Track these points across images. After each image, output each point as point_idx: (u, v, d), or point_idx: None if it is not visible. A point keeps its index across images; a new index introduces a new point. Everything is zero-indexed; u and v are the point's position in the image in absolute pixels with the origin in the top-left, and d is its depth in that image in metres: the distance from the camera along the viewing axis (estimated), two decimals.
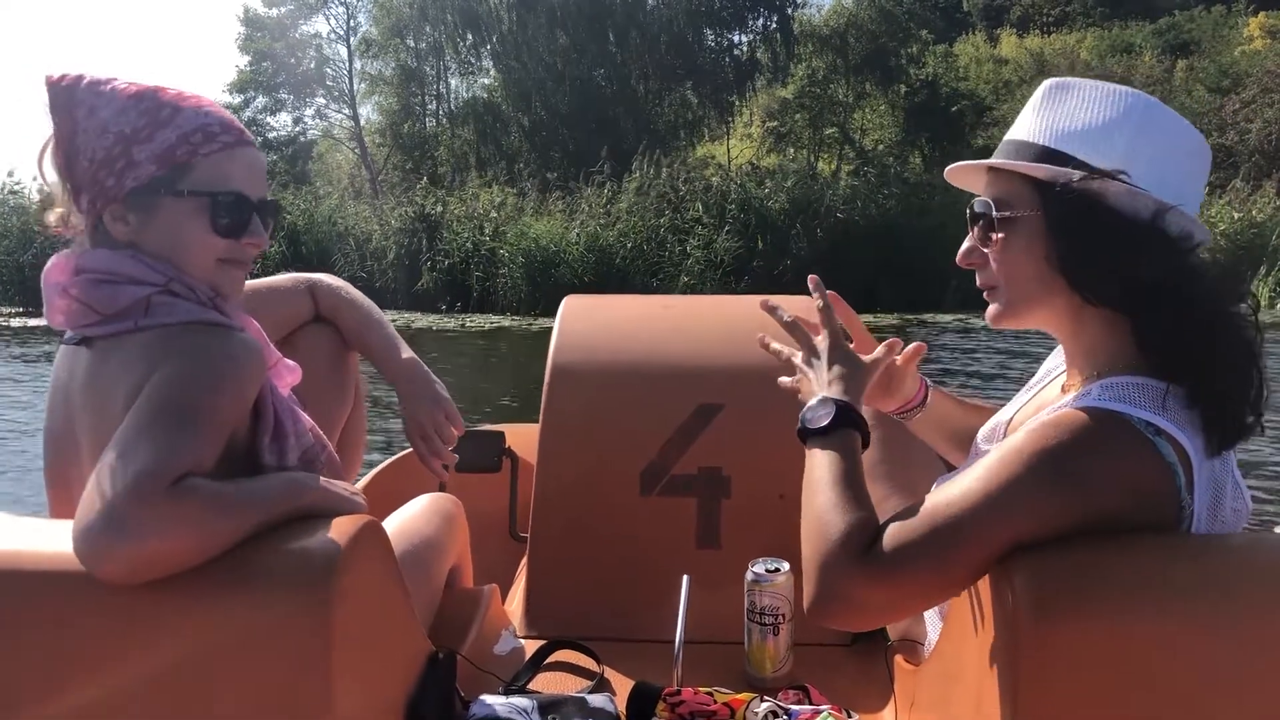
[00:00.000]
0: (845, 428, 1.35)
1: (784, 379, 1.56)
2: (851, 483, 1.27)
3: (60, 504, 1.41)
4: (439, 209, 20.61)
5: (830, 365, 1.45)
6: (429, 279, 19.50)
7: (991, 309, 1.37)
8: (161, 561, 1.09)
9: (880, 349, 1.50)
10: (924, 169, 26.79)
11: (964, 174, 1.43)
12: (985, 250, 1.35)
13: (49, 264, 1.39)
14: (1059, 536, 1.10)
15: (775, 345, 1.57)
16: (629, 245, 19.06)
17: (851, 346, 1.52)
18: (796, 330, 1.52)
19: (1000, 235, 1.31)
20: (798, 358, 1.50)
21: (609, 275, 18.27)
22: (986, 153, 1.43)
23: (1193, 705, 1.04)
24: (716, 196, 20.01)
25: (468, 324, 16.80)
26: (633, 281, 18.11)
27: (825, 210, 19.88)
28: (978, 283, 1.38)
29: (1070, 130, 1.27)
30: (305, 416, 1.53)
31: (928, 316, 16.80)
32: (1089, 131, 1.26)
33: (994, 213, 1.31)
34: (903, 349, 1.56)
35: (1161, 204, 1.22)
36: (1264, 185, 20.42)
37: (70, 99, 1.37)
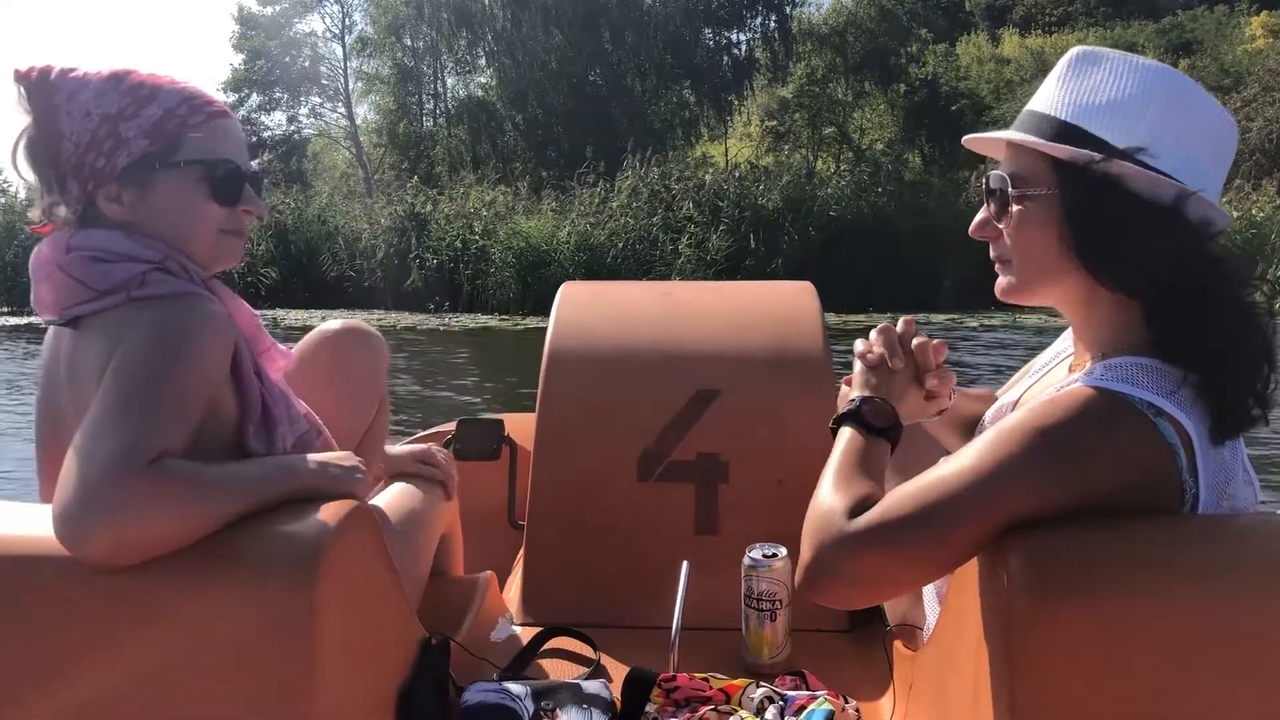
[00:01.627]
0: (884, 435, 1.37)
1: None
2: (868, 466, 1.29)
3: (50, 486, 1.36)
4: (428, 207, 20.46)
5: (897, 382, 1.45)
6: (418, 277, 19.35)
7: (1002, 282, 1.34)
8: (142, 543, 1.08)
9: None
10: (923, 168, 26.64)
11: (984, 140, 1.38)
12: (999, 225, 1.32)
13: (36, 250, 1.38)
14: (1055, 515, 1.08)
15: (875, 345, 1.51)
16: (620, 244, 18.91)
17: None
18: (896, 346, 1.48)
19: (1015, 211, 1.28)
20: (872, 357, 1.49)
21: (600, 275, 18.11)
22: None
23: (1191, 687, 1.03)
24: (709, 195, 19.84)
25: (452, 323, 16.62)
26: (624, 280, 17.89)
27: (818, 209, 19.73)
28: (990, 254, 1.35)
29: (1093, 105, 1.23)
30: (300, 402, 1.53)
31: (921, 317, 16.56)
32: (1113, 107, 1.22)
33: (1009, 189, 1.28)
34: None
35: (1182, 190, 1.18)
36: (1264, 184, 20.20)
37: (46, 87, 1.35)
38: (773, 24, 31.62)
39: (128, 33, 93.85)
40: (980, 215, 1.34)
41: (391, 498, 1.86)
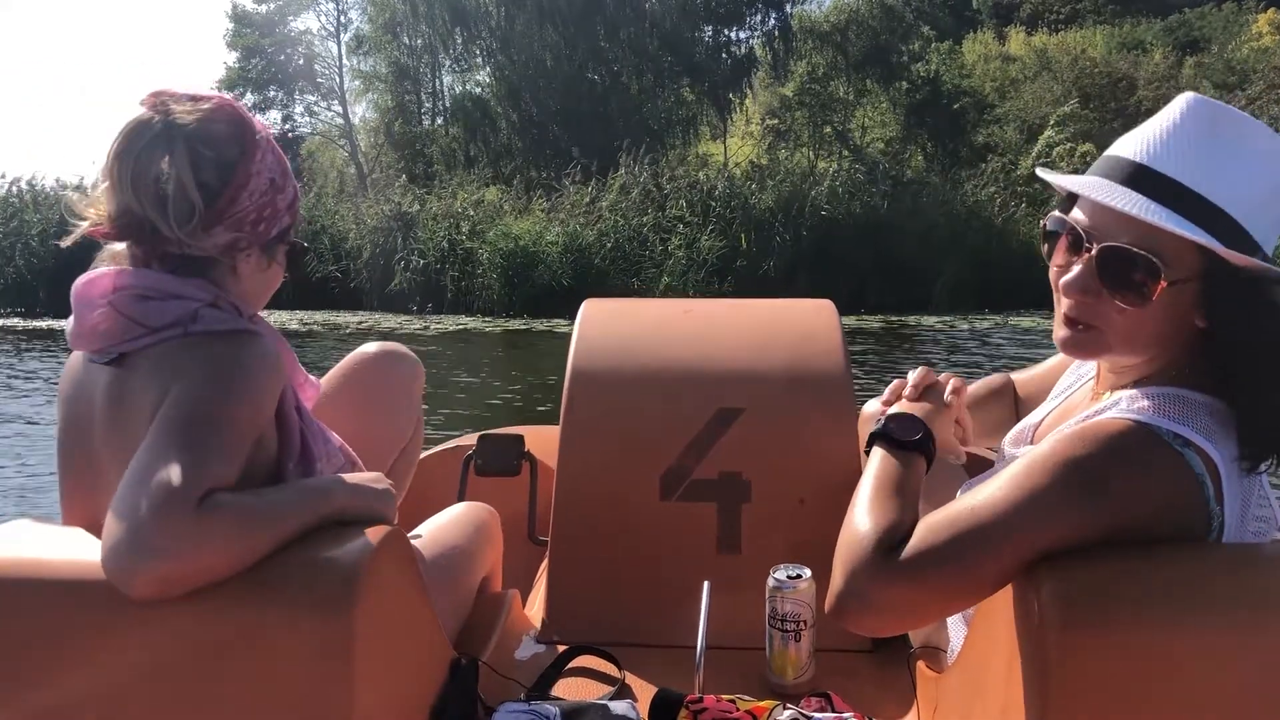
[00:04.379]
0: (919, 452, 1.37)
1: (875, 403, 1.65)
2: (901, 490, 1.28)
3: (77, 516, 1.38)
4: (415, 207, 20.23)
5: (931, 408, 1.47)
6: (403, 279, 19.15)
7: (1070, 336, 1.27)
8: (191, 577, 1.10)
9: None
10: (925, 166, 26.37)
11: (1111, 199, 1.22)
12: (1109, 295, 1.21)
13: (84, 280, 1.35)
14: (1085, 546, 1.09)
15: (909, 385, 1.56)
16: (609, 245, 18.67)
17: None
18: (930, 388, 1.54)
19: (1155, 298, 1.18)
20: (909, 392, 1.53)
21: (587, 275, 17.89)
22: (988, 150, 1.14)
23: (1224, 716, 1.03)
24: (701, 195, 19.59)
25: (432, 326, 16.38)
26: (612, 282, 17.74)
27: (811, 209, 19.45)
28: (1070, 312, 1.26)
29: (1244, 195, 1.16)
30: (334, 435, 1.57)
31: (912, 319, 16.34)
32: (1258, 198, 1.17)
33: (1161, 277, 1.17)
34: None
35: None
36: None
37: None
38: (773, 21, 31.44)
39: (122, 30, 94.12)
40: (1081, 276, 1.22)
41: (435, 527, 1.88)
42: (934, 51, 32.07)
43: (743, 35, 32.12)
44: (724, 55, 31.71)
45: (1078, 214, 1.25)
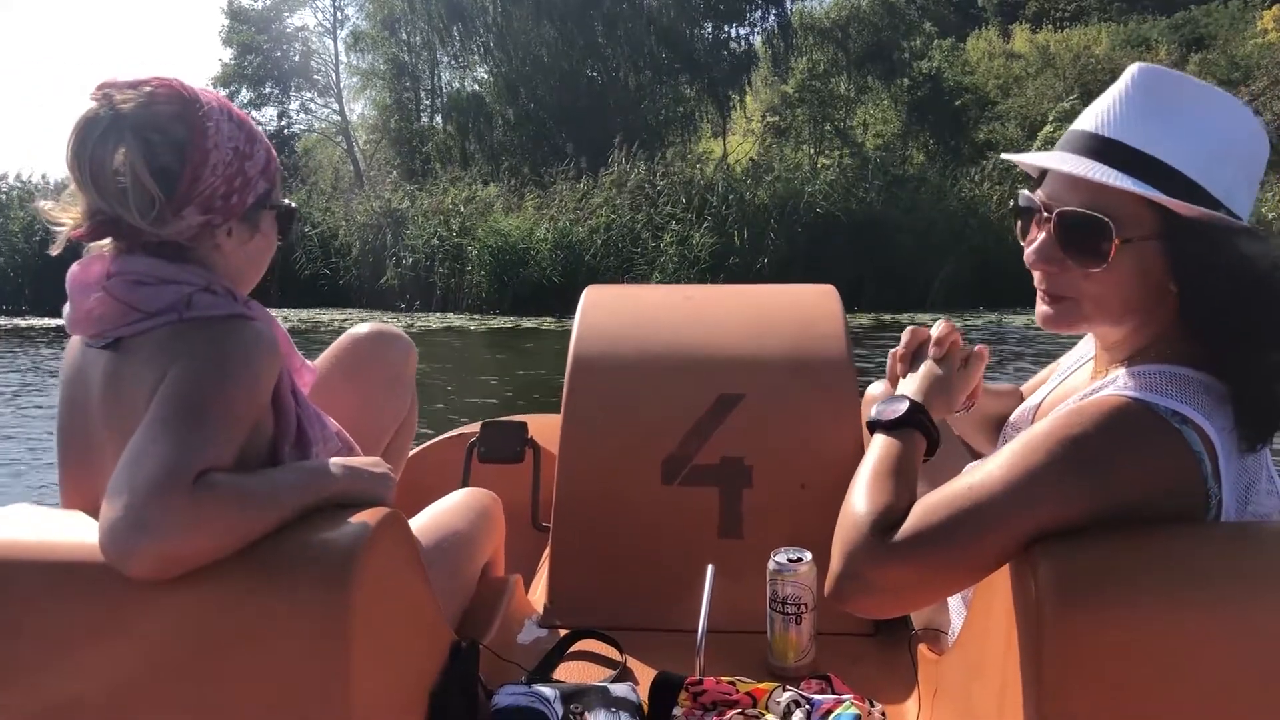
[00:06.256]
0: (911, 427, 1.36)
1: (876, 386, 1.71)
2: (897, 472, 1.27)
3: (75, 498, 1.40)
4: (405, 204, 20.09)
5: (923, 373, 1.46)
6: (393, 275, 19.00)
7: (1048, 312, 1.31)
8: (188, 557, 1.11)
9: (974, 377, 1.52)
10: (925, 163, 26.19)
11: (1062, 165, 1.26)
12: (1070, 261, 1.25)
13: (76, 268, 1.36)
14: (1083, 524, 1.10)
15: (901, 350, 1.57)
16: (600, 242, 18.50)
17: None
18: (917, 352, 1.53)
19: (1112, 258, 1.21)
20: (899, 367, 1.53)
21: (578, 272, 17.71)
22: (989, 147, 1.21)
23: (1220, 695, 1.04)
24: (697, 190, 19.41)
25: (417, 323, 16.22)
26: (603, 279, 17.53)
27: (805, 206, 19.26)
28: (1044, 287, 1.30)
29: (1194, 151, 1.19)
30: (330, 420, 1.58)
31: (905, 317, 16.09)
32: (1210, 154, 1.19)
33: (1114, 236, 1.20)
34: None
35: (1276, 258, 1.18)
36: (1269, 181, 19.71)
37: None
38: (773, 18, 31.31)
39: (122, 30, 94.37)
40: (1043, 247, 1.27)
41: (437, 512, 1.89)
42: (936, 48, 31.92)
43: (743, 31, 32.04)
44: (724, 52, 31.54)
45: (1041, 189, 1.28)
